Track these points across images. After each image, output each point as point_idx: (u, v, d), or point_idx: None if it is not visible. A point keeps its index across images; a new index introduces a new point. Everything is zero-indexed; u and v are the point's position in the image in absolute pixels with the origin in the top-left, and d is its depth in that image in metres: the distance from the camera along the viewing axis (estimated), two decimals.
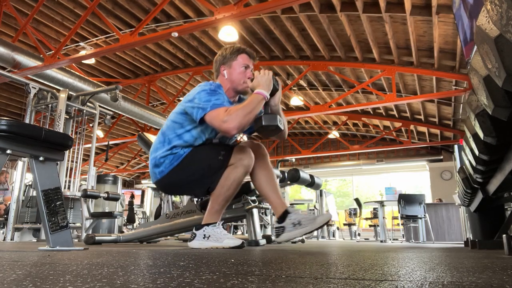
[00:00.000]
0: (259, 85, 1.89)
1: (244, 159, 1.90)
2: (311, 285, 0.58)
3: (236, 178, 1.89)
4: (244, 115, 1.78)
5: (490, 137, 1.18)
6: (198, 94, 1.90)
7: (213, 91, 1.90)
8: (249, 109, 1.80)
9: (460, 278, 0.68)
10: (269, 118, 1.87)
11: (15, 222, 5.03)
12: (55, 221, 1.72)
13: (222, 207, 1.97)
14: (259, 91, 1.87)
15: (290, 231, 1.86)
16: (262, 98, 1.86)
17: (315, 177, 4.33)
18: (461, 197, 3.10)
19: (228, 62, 2.07)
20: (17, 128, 1.59)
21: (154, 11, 4.91)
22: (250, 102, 1.83)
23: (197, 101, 1.87)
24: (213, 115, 1.81)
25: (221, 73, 2.08)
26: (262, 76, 1.92)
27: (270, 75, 1.93)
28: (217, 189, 1.93)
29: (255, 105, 1.83)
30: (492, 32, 0.72)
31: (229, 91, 2.06)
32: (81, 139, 5.83)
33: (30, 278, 0.65)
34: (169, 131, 2.01)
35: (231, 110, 1.80)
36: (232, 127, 1.76)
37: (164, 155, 1.97)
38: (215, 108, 1.82)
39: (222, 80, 2.08)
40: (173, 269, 0.80)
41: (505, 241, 1.50)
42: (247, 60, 2.08)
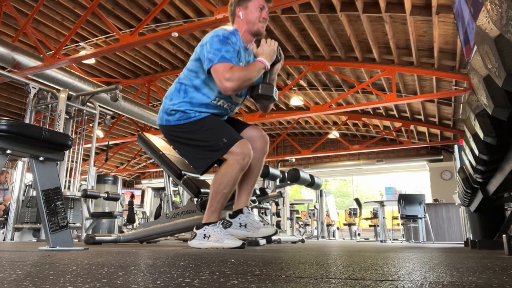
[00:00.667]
0: (263, 53, 1.96)
1: (241, 156, 1.90)
2: (311, 285, 0.58)
3: (232, 175, 1.91)
4: (244, 79, 1.85)
5: (490, 137, 1.18)
6: (211, 39, 1.90)
7: (226, 38, 1.90)
8: (250, 75, 1.87)
9: (460, 278, 0.68)
10: (266, 88, 1.95)
11: (15, 222, 5.03)
12: (55, 221, 1.72)
13: (221, 205, 1.97)
14: (261, 60, 1.94)
15: (234, 229, 1.99)
16: (263, 67, 1.94)
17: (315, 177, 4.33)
18: (461, 197, 3.10)
19: (243, 3, 2.08)
20: (17, 128, 1.59)
21: (154, 11, 4.91)
22: (252, 68, 1.91)
23: (209, 46, 1.89)
24: (217, 69, 1.84)
25: (237, 15, 2.08)
26: (267, 46, 1.98)
27: (275, 46, 2.00)
28: (214, 187, 1.94)
29: (255, 73, 1.90)
30: (492, 32, 0.72)
31: (245, 34, 2.06)
32: (81, 139, 5.83)
33: (30, 278, 0.65)
34: (185, 79, 2.03)
35: (235, 69, 1.84)
36: (230, 87, 1.83)
37: (177, 109, 1.99)
38: (222, 62, 1.84)
39: (238, 22, 2.08)
40: (173, 269, 0.80)
41: (505, 241, 1.50)
42: (262, 1, 2.09)
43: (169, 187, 3.37)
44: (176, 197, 6.00)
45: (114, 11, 5.88)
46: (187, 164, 2.99)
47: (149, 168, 13.84)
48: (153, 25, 6.13)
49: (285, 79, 8.24)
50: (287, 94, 8.94)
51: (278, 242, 3.71)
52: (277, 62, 2.04)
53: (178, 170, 2.90)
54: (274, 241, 3.60)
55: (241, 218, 1.99)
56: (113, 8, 5.84)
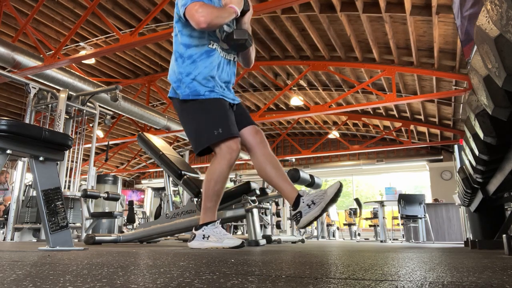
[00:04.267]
0: (231, 2, 2.05)
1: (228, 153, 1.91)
2: (311, 285, 0.58)
3: (221, 171, 1.92)
4: (216, 16, 1.92)
5: (490, 137, 1.18)
6: None
7: None
8: (221, 13, 1.95)
9: (460, 278, 0.68)
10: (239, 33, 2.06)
11: (15, 222, 5.03)
12: (55, 221, 1.72)
13: (215, 203, 1.97)
14: (231, 6, 2.02)
15: (307, 213, 1.86)
16: (234, 12, 2.02)
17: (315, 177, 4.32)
18: (461, 197, 3.10)
19: None
20: (17, 128, 1.59)
21: (154, 11, 4.91)
22: (223, 10, 2.00)
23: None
24: (190, 7, 1.92)
25: None
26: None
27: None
28: (205, 184, 1.95)
29: (226, 13, 1.97)
30: (492, 32, 0.72)
31: None
32: (81, 139, 5.83)
33: (30, 278, 0.65)
34: (175, 45, 2.10)
35: (207, 5, 1.92)
36: (203, 20, 1.88)
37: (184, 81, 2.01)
38: (194, 2, 1.92)
39: None
40: (173, 269, 0.80)
41: (505, 241, 1.50)
42: None
43: (169, 187, 3.37)
44: (176, 197, 6.00)
45: (114, 11, 5.88)
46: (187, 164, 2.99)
47: (149, 168, 13.84)
48: (153, 25, 6.13)
49: (285, 79, 8.24)
50: (287, 94, 8.94)
51: (278, 242, 3.71)
52: (247, 11, 2.15)
53: (178, 170, 2.90)
54: (274, 241, 3.60)
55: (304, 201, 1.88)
56: (113, 8, 5.84)
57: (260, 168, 2.02)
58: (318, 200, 1.86)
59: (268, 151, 2.06)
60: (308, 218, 1.85)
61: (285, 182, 1.98)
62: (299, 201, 1.89)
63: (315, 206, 1.85)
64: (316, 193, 1.89)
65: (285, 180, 1.99)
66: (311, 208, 1.85)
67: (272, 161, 2.02)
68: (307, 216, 1.85)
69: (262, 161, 2.01)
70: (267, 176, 2.01)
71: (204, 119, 1.98)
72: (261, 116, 8.46)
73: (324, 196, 1.86)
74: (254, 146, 2.05)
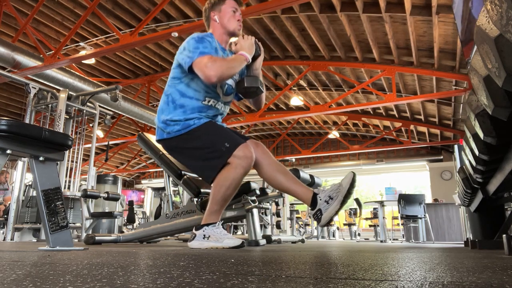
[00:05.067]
0: (242, 48, 2.01)
1: (244, 160, 1.88)
2: (311, 285, 0.58)
3: (235, 178, 1.88)
4: (227, 67, 1.88)
5: (490, 137, 1.18)
6: (187, 43, 1.96)
7: (201, 39, 1.97)
8: (232, 64, 1.92)
9: (460, 278, 0.68)
10: (251, 80, 1.99)
11: (15, 222, 5.02)
12: (55, 221, 1.72)
13: (221, 207, 1.96)
14: (242, 53, 1.98)
15: (326, 210, 1.84)
16: (244, 59, 1.97)
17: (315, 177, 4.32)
18: (461, 197, 3.10)
19: (217, 7, 2.16)
20: (17, 128, 1.59)
21: (154, 11, 4.91)
22: (233, 59, 1.96)
23: (187, 49, 1.94)
24: (198, 61, 1.88)
25: (212, 19, 2.16)
26: (245, 41, 2.03)
27: (253, 40, 2.05)
28: (215, 189, 1.91)
29: (237, 63, 1.94)
30: (492, 32, 0.72)
31: (222, 36, 2.13)
32: (81, 139, 5.83)
33: (30, 278, 0.65)
34: (170, 88, 2.05)
35: (217, 59, 1.89)
36: (214, 74, 1.84)
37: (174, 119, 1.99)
38: (202, 55, 1.89)
39: (213, 26, 2.15)
40: (173, 269, 0.80)
41: (505, 241, 1.50)
42: (234, 4, 2.18)
43: (169, 187, 3.37)
44: (176, 197, 6.00)
45: (114, 11, 5.88)
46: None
47: (149, 168, 13.84)
48: (153, 25, 6.13)
49: (285, 79, 8.24)
50: (287, 94, 8.94)
51: (278, 242, 3.71)
52: (258, 56, 2.09)
53: (178, 170, 2.89)
54: (274, 241, 3.60)
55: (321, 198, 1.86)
56: (113, 8, 5.84)
57: (270, 179, 2.01)
58: (335, 194, 1.84)
59: (272, 160, 2.04)
60: (329, 214, 1.83)
61: (297, 185, 1.97)
62: (316, 200, 1.88)
63: (333, 201, 1.83)
64: (331, 187, 1.88)
65: (297, 183, 1.98)
66: (330, 204, 1.83)
67: (279, 169, 2.01)
68: (328, 212, 1.83)
69: (270, 171, 2.00)
70: (279, 184, 2.00)
71: (205, 142, 1.95)
72: (261, 116, 8.45)
73: (340, 188, 1.84)
74: (259, 159, 2.03)
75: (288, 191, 1.99)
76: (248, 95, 2.07)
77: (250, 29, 6.41)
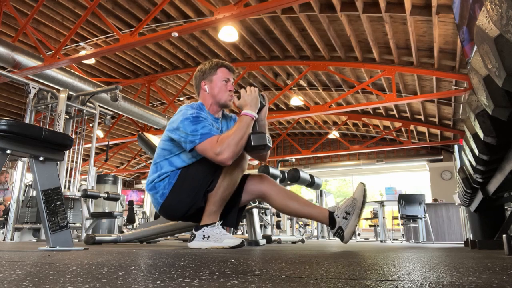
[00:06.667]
0: (246, 104, 1.88)
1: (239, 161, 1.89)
2: (311, 285, 0.58)
3: (232, 178, 1.90)
4: (236, 142, 1.76)
5: (490, 137, 1.18)
6: (182, 124, 1.84)
7: (196, 118, 1.84)
8: (240, 134, 1.78)
9: (460, 278, 0.68)
10: (257, 138, 1.83)
11: (15, 222, 5.03)
12: (55, 221, 1.72)
13: (220, 207, 1.96)
14: (247, 113, 1.85)
15: (347, 226, 1.90)
16: (251, 120, 1.85)
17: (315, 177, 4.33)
18: (461, 197, 3.10)
19: (208, 77, 2.05)
20: (17, 128, 1.59)
21: (154, 11, 4.91)
22: (240, 126, 1.81)
23: (183, 131, 1.82)
24: (204, 147, 1.78)
25: (202, 88, 2.06)
26: (248, 95, 1.90)
27: (256, 93, 1.93)
28: (214, 191, 1.92)
29: (245, 129, 1.81)
30: (492, 32, 0.72)
31: (212, 107, 2.04)
32: (81, 139, 5.83)
33: (30, 278, 0.65)
34: (159, 158, 2.00)
35: (223, 139, 1.76)
36: (227, 157, 1.75)
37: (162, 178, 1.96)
38: (205, 139, 1.78)
39: (203, 95, 2.06)
40: (173, 269, 0.80)
41: (505, 241, 1.50)
42: (227, 74, 2.07)
43: None
44: None
45: (114, 11, 5.88)
46: None
47: (149, 168, 13.82)
48: (153, 25, 6.13)
49: (285, 79, 8.24)
50: (287, 94, 8.94)
51: (278, 242, 3.71)
52: (263, 108, 1.96)
53: None
54: (274, 241, 3.60)
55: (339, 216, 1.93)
56: (113, 8, 5.84)
57: (284, 207, 2.02)
58: (351, 209, 1.90)
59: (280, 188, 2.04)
60: (350, 230, 1.89)
61: (311, 207, 1.99)
62: (333, 218, 1.92)
63: (351, 216, 1.90)
64: (346, 203, 1.93)
65: (310, 205, 2.00)
66: (348, 219, 1.89)
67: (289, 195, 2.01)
68: (349, 228, 1.89)
69: (281, 199, 2.00)
70: (293, 211, 2.01)
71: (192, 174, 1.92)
72: None
73: (355, 202, 1.90)
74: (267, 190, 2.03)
75: (304, 215, 2.01)
76: (255, 153, 1.96)
77: (250, 29, 6.41)
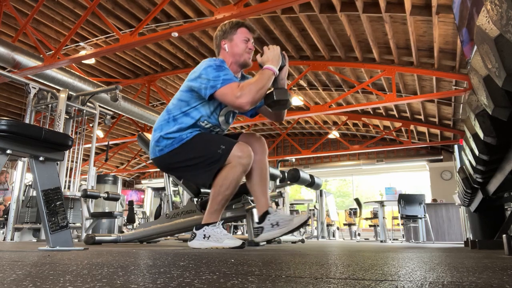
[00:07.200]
0: (268, 60, 1.93)
1: (243, 158, 1.88)
2: (311, 285, 0.58)
3: (234, 177, 1.89)
4: (257, 90, 1.82)
5: (490, 137, 1.18)
6: (205, 70, 1.90)
7: (219, 66, 1.90)
8: (261, 84, 1.84)
9: (460, 278, 0.68)
10: (280, 93, 1.91)
11: (15, 222, 5.02)
12: (55, 221, 1.72)
13: (222, 207, 1.96)
14: (269, 67, 1.91)
15: (268, 232, 1.91)
16: (272, 74, 1.91)
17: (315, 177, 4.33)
18: (461, 197, 3.10)
19: (228, 36, 2.08)
20: (17, 128, 1.59)
21: (154, 11, 4.91)
22: (261, 77, 1.87)
23: (205, 77, 1.88)
24: (225, 91, 1.83)
25: (222, 47, 2.08)
26: (271, 52, 1.96)
27: (278, 50, 1.97)
28: (215, 189, 1.92)
29: (266, 80, 1.87)
30: (492, 32, 0.72)
31: (231, 66, 2.06)
32: (81, 139, 5.83)
33: (30, 278, 0.65)
34: (174, 109, 2.01)
35: (244, 85, 1.83)
36: (246, 102, 1.80)
37: (168, 137, 1.97)
38: (227, 84, 1.83)
39: (223, 54, 2.08)
40: (173, 269, 0.80)
41: (505, 241, 1.50)
42: (247, 33, 2.09)
43: (169, 187, 3.37)
44: (176, 197, 6.00)
45: (114, 11, 5.88)
46: None
47: (149, 168, 13.83)
48: (153, 25, 6.13)
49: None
50: None
51: (278, 242, 3.71)
52: (283, 67, 2.01)
53: None
54: (274, 241, 3.60)
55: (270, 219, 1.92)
56: (113, 8, 5.84)
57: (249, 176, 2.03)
58: (283, 224, 1.90)
59: (263, 159, 2.05)
60: (267, 236, 1.90)
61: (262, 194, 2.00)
62: (265, 217, 1.94)
63: (278, 228, 1.90)
64: (284, 217, 1.93)
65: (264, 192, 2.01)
66: (274, 229, 1.90)
67: (262, 168, 2.03)
68: (267, 234, 1.90)
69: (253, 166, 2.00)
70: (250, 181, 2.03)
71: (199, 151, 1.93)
72: (261, 116, 8.45)
73: (290, 223, 1.89)
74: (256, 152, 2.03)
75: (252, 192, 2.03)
76: (277, 108, 1.99)
77: None
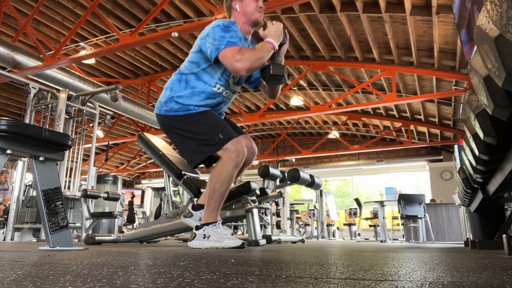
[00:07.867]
0: (270, 34, 2.00)
1: (235, 153, 1.91)
2: (311, 285, 0.58)
3: (228, 172, 1.91)
4: (255, 59, 1.88)
5: (490, 137, 1.18)
6: (212, 29, 1.94)
7: (226, 27, 1.94)
8: (260, 54, 1.91)
9: (460, 278, 0.68)
10: (277, 68, 1.99)
11: (15, 222, 5.02)
12: (55, 221, 1.72)
13: (219, 204, 1.97)
14: (270, 41, 1.97)
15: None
16: (272, 48, 1.97)
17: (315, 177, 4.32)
18: (461, 197, 3.10)
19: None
20: (17, 128, 1.59)
21: (154, 11, 4.91)
22: (261, 49, 1.94)
23: (212, 36, 1.92)
24: (226, 53, 1.87)
25: (233, 8, 2.12)
26: (274, 27, 2.03)
27: (281, 27, 2.04)
28: (210, 186, 1.94)
29: (265, 53, 1.94)
30: (492, 32, 0.72)
31: (243, 26, 2.10)
32: (81, 139, 5.83)
33: (30, 278, 0.65)
34: (186, 70, 2.05)
35: (245, 51, 1.88)
36: (243, 67, 1.85)
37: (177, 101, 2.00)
38: (229, 46, 1.87)
39: (235, 15, 2.12)
40: (173, 269, 0.80)
41: (505, 241, 1.50)
42: None
43: (169, 187, 3.37)
44: (176, 197, 6.00)
45: (114, 11, 5.88)
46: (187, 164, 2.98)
47: (149, 168, 13.83)
48: (153, 25, 6.13)
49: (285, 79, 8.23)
50: (287, 94, 8.94)
51: (278, 242, 3.71)
52: (283, 44, 2.07)
53: (178, 170, 2.90)
54: (274, 241, 3.60)
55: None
56: (113, 8, 5.84)
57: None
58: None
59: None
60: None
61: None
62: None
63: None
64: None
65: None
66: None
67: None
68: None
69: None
70: None
71: (200, 129, 1.97)
72: (261, 116, 8.45)
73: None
74: None
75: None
76: (272, 82, 2.07)
77: None
